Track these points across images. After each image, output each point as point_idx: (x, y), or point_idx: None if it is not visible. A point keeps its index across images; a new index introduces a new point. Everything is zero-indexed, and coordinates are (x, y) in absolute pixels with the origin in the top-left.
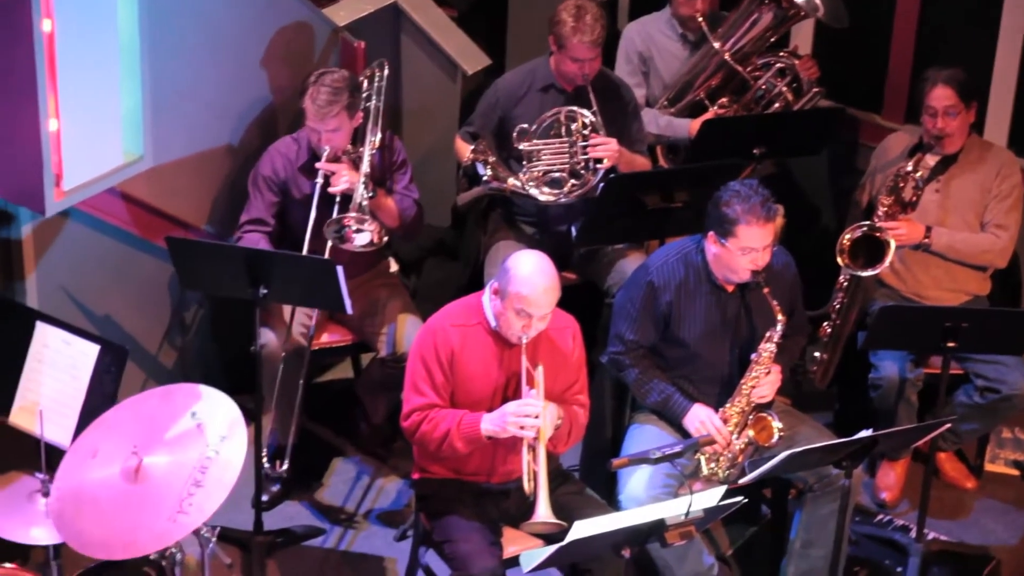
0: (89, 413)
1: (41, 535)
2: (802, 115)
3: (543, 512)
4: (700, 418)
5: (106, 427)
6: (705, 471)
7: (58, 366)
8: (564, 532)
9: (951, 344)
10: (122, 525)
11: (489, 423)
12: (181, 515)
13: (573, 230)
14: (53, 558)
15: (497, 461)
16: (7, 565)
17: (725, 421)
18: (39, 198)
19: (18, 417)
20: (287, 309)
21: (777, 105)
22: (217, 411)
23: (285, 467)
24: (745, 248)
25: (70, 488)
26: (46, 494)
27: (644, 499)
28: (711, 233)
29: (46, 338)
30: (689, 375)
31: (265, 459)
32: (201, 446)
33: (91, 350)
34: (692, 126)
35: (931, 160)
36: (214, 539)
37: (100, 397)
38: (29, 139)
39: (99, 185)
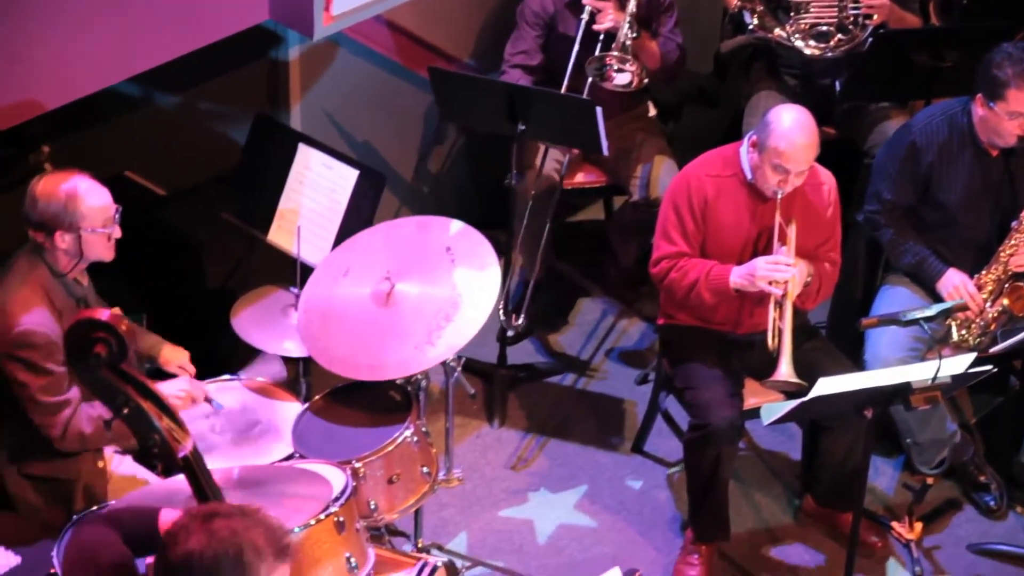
0: (345, 236)
1: (292, 347)
2: None
3: (784, 371)
4: (954, 283)
5: (359, 248)
6: (955, 337)
7: (318, 188)
8: (806, 389)
9: None
10: (369, 347)
11: (738, 276)
12: (428, 346)
13: (837, 85)
14: (303, 375)
15: (744, 313)
16: (260, 379)
17: (980, 288)
18: (308, 22)
19: (276, 235)
20: (541, 145)
21: None
22: (470, 246)
23: (521, 320)
24: (1014, 112)
25: (318, 302)
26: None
27: (891, 361)
28: (979, 95)
29: (308, 160)
30: (946, 239)
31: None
32: (453, 280)
33: (350, 174)
34: None
35: None
36: (459, 369)
37: (356, 221)
38: None
39: (367, 12)
